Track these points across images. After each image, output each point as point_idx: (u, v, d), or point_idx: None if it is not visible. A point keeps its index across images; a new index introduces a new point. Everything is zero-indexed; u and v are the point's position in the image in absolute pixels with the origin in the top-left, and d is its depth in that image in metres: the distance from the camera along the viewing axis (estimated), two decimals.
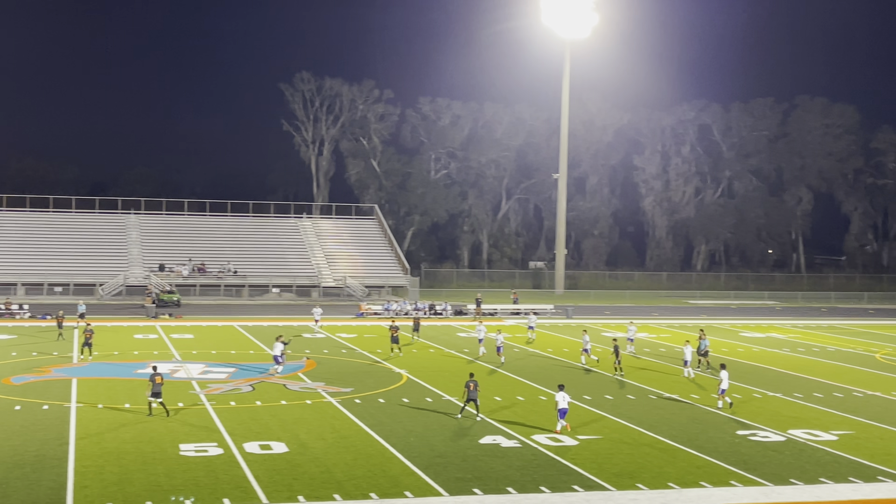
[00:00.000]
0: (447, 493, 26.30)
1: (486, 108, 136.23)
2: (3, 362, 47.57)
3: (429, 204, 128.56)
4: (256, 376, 44.58)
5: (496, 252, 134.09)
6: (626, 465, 29.55)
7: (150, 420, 34.04)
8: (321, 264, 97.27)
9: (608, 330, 68.49)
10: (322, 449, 30.57)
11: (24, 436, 31.40)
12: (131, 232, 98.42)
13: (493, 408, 37.79)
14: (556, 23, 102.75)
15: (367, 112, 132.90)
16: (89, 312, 65.34)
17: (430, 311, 79.07)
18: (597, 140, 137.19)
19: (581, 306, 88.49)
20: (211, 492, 25.64)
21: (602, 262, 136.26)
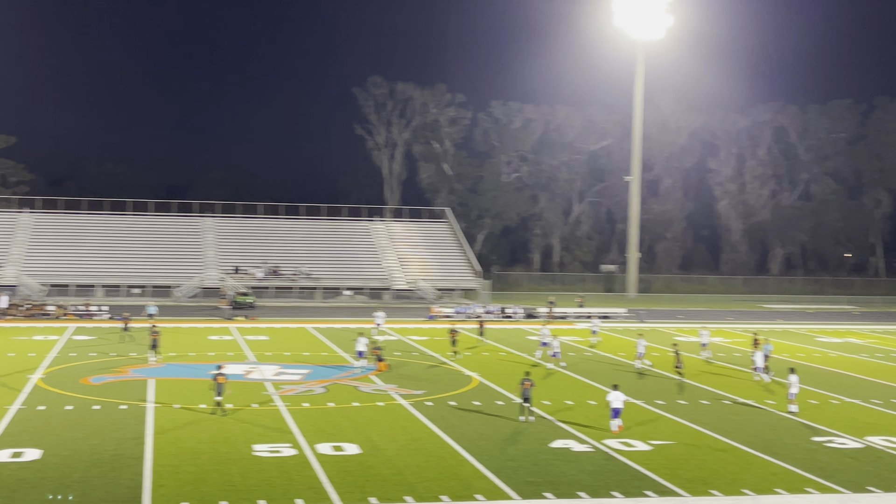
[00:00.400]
0: (518, 496, 26.24)
1: (557, 110, 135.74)
2: (83, 363, 48.52)
3: (500, 207, 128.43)
4: (330, 378, 44.91)
5: (568, 255, 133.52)
6: (700, 471, 29.22)
7: (226, 420, 34.47)
8: (393, 267, 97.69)
9: (681, 334, 67.82)
10: (394, 451, 30.69)
11: (103, 435, 31.96)
12: (207, 235, 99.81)
13: (565, 412, 37.63)
14: (629, 24, 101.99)
15: (439, 116, 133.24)
16: (165, 314, 66.34)
17: (501, 314, 79.01)
18: (670, 142, 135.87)
19: (654, 310, 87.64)
20: (284, 492, 25.88)
21: (675, 265, 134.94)
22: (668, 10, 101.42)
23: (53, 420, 34.07)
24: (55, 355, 50.72)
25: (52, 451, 29.52)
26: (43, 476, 26.82)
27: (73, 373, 44.79)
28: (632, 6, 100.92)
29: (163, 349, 51.02)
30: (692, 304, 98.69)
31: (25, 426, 32.96)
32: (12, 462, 28.22)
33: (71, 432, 32.18)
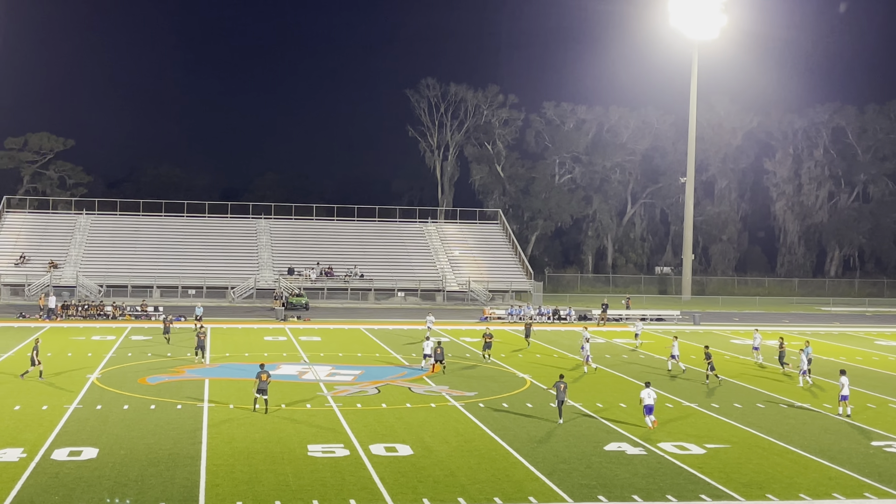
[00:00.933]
0: (571, 499, 26.12)
1: (611, 111, 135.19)
2: (139, 363, 49.11)
3: (553, 208, 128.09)
4: (382, 379, 45.05)
5: (621, 257, 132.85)
6: (756, 475, 28.90)
7: (280, 420, 34.68)
8: (445, 268, 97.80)
9: (737, 337, 67.16)
10: (446, 452, 30.69)
11: (159, 434, 32.31)
12: (262, 236, 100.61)
13: (618, 414, 37.43)
14: (684, 24, 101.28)
15: (492, 117, 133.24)
16: (220, 315, 66.91)
17: (554, 316, 78.75)
18: (725, 143, 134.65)
19: (708, 312, 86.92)
20: (337, 492, 25.98)
21: (730, 267, 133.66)
22: (722, 10, 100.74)
23: (110, 419, 34.50)
24: (112, 355, 51.38)
25: (109, 450, 29.89)
26: (100, 475, 27.15)
27: (130, 372, 45.35)
28: (686, 6, 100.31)
29: (218, 350, 51.56)
30: (747, 307, 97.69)
31: (83, 425, 33.41)
32: (70, 460, 28.61)
33: (127, 431, 32.56)
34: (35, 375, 42.90)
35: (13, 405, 36.58)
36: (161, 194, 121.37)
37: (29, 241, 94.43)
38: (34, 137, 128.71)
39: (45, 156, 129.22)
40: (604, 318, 76.97)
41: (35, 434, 31.79)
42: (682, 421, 36.60)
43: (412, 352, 55.62)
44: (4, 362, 48.06)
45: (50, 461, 28.44)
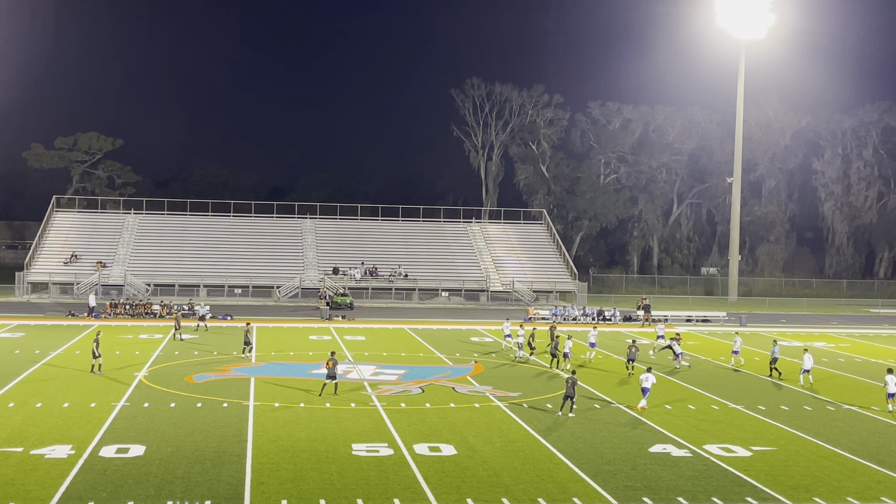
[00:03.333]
0: (616, 501, 26.02)
1: (657, 111, 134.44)
2: (186, 361, 49.54)
3: (598, 209, 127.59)
4: (426, 378, 45.12)
5: (667, 258, 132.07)
6: (803, 478, 28.63)
7: (325, 419, 34.84)
8: (489, 269, 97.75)
9: (784, 339, 66.53)
10: (490, 452, 30.69)
11: (205, 432, 32.58)
12: (307, 236, 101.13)
13: (664, 416, 37.23)
14: (731, 23, 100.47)
15: (537, 117, 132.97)
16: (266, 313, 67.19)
17: (599, 316, 78.46)
18: (773, 143, 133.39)
19: (755, 314, 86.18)
20: (382, 491, 26.06)
21: (778, 268, 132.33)
22: (770, 9, 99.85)
23: (157, 417, 34.84)
24: (159, 353, 51.88)
25: (156, 448, 30.18)
26: (147, 472, 27.42)
27: (177, 371, 45.77)
28: (734, 5, 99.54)
29: (263, 348, 51.98)
30: (795, 309, 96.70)
31: (130, 422, 33.77)
32: (117, 457, 28.93)
33: (174, 429, 32.87)
34: (97, 368, 43.90)
35: (62, 402, 37.06)
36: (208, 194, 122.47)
37: (78, 241, 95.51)
38: (84, 137, 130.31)
39: (95, 155, 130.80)
40: (648, 318, 76.54)
41: (83, 431, 32.18)
42: (727, 423, 36.34)
43: (456, 351, 55.71)
44: (54, 360, 48.68)
45: (98, 458, 28.77)
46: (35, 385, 40.89)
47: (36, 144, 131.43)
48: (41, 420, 33.77)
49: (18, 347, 52.93)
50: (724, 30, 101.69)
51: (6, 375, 42.87)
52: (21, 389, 39.73)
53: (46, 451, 29.43)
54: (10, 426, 32.69)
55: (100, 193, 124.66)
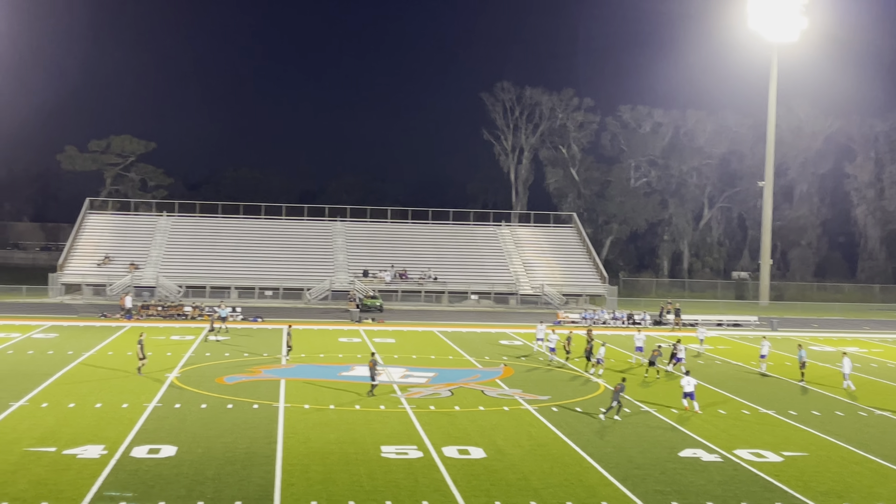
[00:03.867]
0: None
1: (688, 115, 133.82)
2: (217, 362, 49.79)
3: (628, 212, 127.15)
4: (455, 381, 45.11)
5: (697, 262, 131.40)
6: (834, 484, 28.42)
7: (354, 421, 34.92)
8: (519, 272, 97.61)
9: (816, 343, 66.05)
10: (519, 456, 30.66)
11: (236, 433, 32.72)
12: (337, 238, 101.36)
13: (693, 420, 37.05)
14: (763, 27, 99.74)
15: (567, 121, 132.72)
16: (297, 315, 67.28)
17: (629, 320, 78.18)
18: (805, 147, 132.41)
19: (786, 318, 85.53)
20: (410, 494, 26.09)
21: (810, 273, 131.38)
22: (802, 13, 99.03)
23: (188, 418, 35.04)
24: (191, 355, 52.13)
25: (187, 448, 30.36)
26: (178, 472, 27.59)
27: (208, 372, 46.00)
28: (766, 8, 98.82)
29: (293, 350, 52.10)
30: (827, 313, 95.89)
31: (162, 423, 33.98)
32: (149, 458, 29.12)
33: (205, 430, 33.04)
34: (144, 368, 44.39)
35: (95, 403, 37.34)
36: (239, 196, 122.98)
37: (110, 242, 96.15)
38: (117, 140, 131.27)
39: (128, 158, 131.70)
40: (678, 322, 76.15)
41: (115, 431, 32.41)
42: (758, 428, 36.13)
43: (486, 354, 55.67)
44: (86, 361, 49.06)
45: (129, 458, 28.98)
46: (68, 385, 41.23)
47: (70, 147, 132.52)
48: (74, 420, 34.05)
49: (52, 348, 53.38)
50: (756, 33, 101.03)
51: (40, 376, 43.26)
52: (54, 390, 40.07)
53: (79, 450, 29.67)
54: (43, 426, 32.98)
55: (132, 196, 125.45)
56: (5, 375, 43.19)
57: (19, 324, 65.08)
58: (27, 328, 62.63)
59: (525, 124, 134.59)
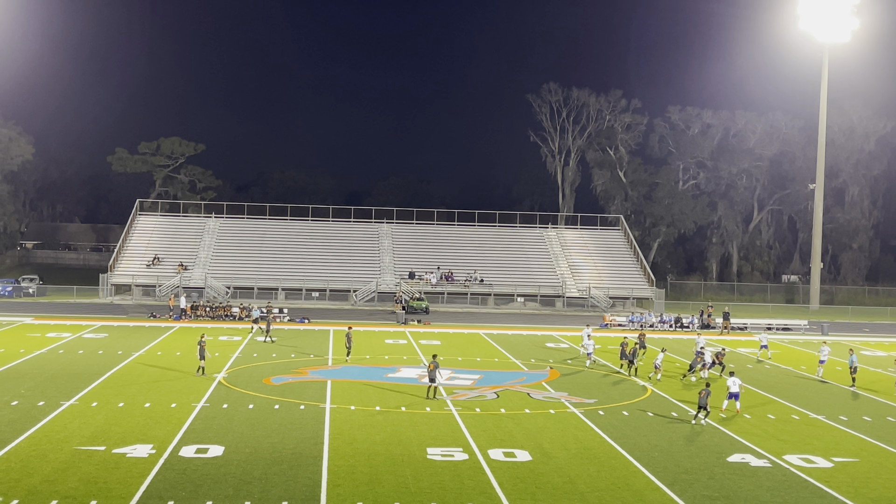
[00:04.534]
0: None
1: (738, 116, 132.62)
2: (264, 363, 50.10)
3: (676, 215, 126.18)
4: (501, 384, 45.06)
5: (746, 265, 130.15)
6: (886, 491, 28.02)
7: (400, 423, 34.99)
8: (565, 274, 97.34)
9: (867, 348, 65.17)
10: (565, 459, 30.54)
11: (283, 434, 32.90)
12: (383, 240, 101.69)
13: (743, 425, 36.72)
14: (814, 27, 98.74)
15: (614, 122, 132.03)
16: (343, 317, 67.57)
17: (677, 324, 77.66)
18: (858, 149, 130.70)
19: (837, 323, 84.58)
20: (456, 496, 26.07)
21: (861, 276, 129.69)
22: (854, 13, 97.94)
23: (236, 418, 35.27)
24: (238, 355, 52.51)
25: (234, 448, 30.56)
26: (225, 472, 27.78)
27: (256, 373, 46.30)
28: (816, 9, 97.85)
29: (340, 352, 52.35)
30: (878, 318, 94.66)
31: (209, 423, 34.24)
32: (197, 457, 29.35)
33: (252, 430, 33.25)
34: (201, 371, 44.76)
35: (144, 402, 37.73)
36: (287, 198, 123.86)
37: (160, 243, 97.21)
38: (167, 142, 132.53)
39: (177, 160, 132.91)
40: (727, 326, 75.47)
41: (164, 431, 32.71)
42: (808, 433, 35.73)
43: (531, 357, 55.53)
44: (136, 360, 49.57)
45: (178, 457, 29.22)
46: (117, 385, 41.68)
47: (120, 149, 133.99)
48: (123, 420, 34.41)
49: (102, 348, 54.02)
50: (807, 33, 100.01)
51: (90, 375, 43.80)
52: (104, 389, 40.54)
53: (128, 450, 29.97)
54: (93, 425, 33.37)
55: (182, 197, 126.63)
56: (56, 375, 43.78)
57: (70, 324, 65.97)
58: (78, 328, 63.45)
59: (572, 126, 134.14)
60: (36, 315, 71.53)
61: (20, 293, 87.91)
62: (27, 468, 27.67)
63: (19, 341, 55.82)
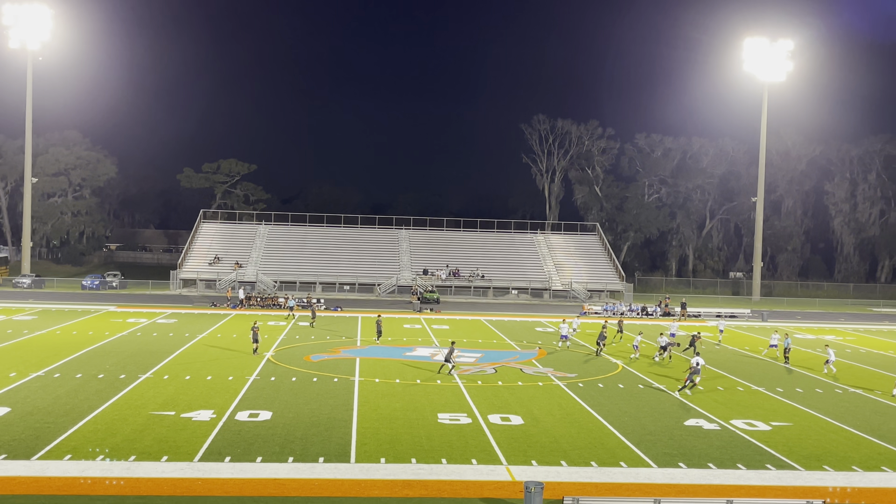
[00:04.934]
0: (656, 465, 25.73)
1: (693, 141, 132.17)
2: (305, 344, 50.16)
3: (642, 222, 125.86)
4: (499, 361, 45.02)
5: (700, 264, 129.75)
6: (814, 449, 27.97)
7: (415, 393, 34.98)
8: (551, 271, 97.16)
9: (799, 332, 64.98)
10: (551, 423, 30.52)
11: (320, 402, 32.94)
12: (402, 243, 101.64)
13: (697, 395, 36.64)
14: (756, 69, 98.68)
15: (592, 147, 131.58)
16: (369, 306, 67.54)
17: (643, 312, 77.48)
18: (792, 168, 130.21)
19: (775, 311, 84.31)
20: (462, 453, 26.09)
21: (794, 273, 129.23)
22: (788, 58, 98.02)
23: (281, 388, 35.32)
24: (283, 337, 52.57)
25: (280, 413, 30.61)
26: (273, 433, 27.83)
27: (298, 352, 46.36)
28: (758, 54, 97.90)
29: (366, 334, 52.30)
30: (808, 307, 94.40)
31: (260, 393, 34.30)
32: (249, 421, 29.42)
33: (295, 399, 33.29)
34: (256, 349, 44.67)
35: (206, 376, 37.81)
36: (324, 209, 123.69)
37: (219, 246, 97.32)
38: (225, 163, 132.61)
39: (234, 178, 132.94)
40: (684, 314, 75.38)
41: (222, 399, 32.78)
42: (751, 402, 35.65)
43: (524, 339, 55.46)
44: (200, 341, 49.66)
45: (234, 421, 29.28)
46: (184, 362, 41.78)
47: (187, 168, 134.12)
48: (189, 390, 34.49)
49: (172, 331, 54.13)
50: (751, 74, 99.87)
51: (162, 354, 43.91)
52: (173, 365, 40.63)
53: (193, 414, 30.04)
54: (164, 395, 33.47)
55: (237, 208, 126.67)
56: (135, 353, 43.90)
57: (146, 311, 66.12)
58: (152, 315, 63.60)
59: (557, 150, 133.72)
60: (118, 304, 71.70)
61: (105, 286, 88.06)
62: (111, 429, 27.76)
63: (105, 325, 55.97)
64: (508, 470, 24.73)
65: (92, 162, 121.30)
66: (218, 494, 22.00)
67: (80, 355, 42.54)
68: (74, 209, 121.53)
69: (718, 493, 23.25)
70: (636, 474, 24.78)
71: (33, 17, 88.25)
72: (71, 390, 33.62)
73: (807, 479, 24.79)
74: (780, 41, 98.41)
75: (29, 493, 21.71)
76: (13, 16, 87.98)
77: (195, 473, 23.53)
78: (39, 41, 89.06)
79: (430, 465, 24.85)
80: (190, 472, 23.66)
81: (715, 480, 24.49)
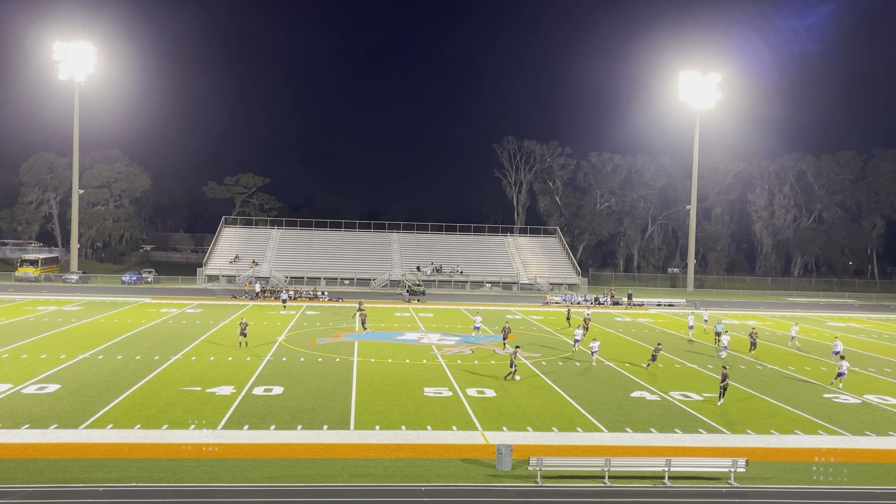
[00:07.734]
0: (606, 430, 25.83)
1: (637, 159, 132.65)
2: (311, 329, 50.00)
3: (595, 227, 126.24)
4: (475, 344, 45.01)
5: (643, 261, 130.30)
6: (739, 416, 28.17)
7: (405, 370, 34.93)
8: (519, 268, 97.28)
9: (726, 318, 65.36)
10: (519, 395, 30.58)
11: (324, 378, 32.87)
12: (393, 244, 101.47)
13: (641, 372, 36.81)
14: (690, 98, 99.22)
15: (553, 163, 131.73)
16: (366, 297, 67.17)
17: (595, 301, 77.70)
18: (720, 181, 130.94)
19: (706, 301, 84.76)
20: (444, 421, 26.10)
21: (722, 269, 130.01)
22: (717, 89, 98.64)
23: (292, 367, 35.21)
24: (293, 324, 52.41)
25: (291, 388, 30.52)
26: (284, 405, 27.76)
27: (305, 336, 46.21)
28: (691, 86, 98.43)
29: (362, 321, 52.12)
30: (734, 297, 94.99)
31: (274, 371, 34.19)
32: (265, 395, 29.32)
33: (303, 376, 33.20)
34: (241, 343, 44.22)
35: (227, 357, 37.63)
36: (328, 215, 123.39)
37: (239, 247, 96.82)
38: (243, 177, 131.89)
39: (251, 189, 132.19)
40: (630, 303, 75.64)
41: (241, 376, 32.65)
42: (686, 377, 35.84)
43: (496, 325, 55.52)
44: (222, 328, 49.40)
45: (251, 395, 29.18)
46: (209, 345, 41.56)
47: (211, 181, 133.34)
48: (213, 369, 34.33)
49: (198, 319, 53.81)
50: (685, 102, 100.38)
51: (190, 338, 43.66)
52: (200, 348, 40.42)
53: (217, 389, 29.91)
54: (192, 373, 33.29)
55: (254, 215, 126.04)
56: (167, 337, 43.63)
57: (177, 302, 65.69)
58: (182, 305, 63.20)
59: (524, 166, 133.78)
60: (153, 296, 71.21)
61: (141, 282, 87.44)
62: (146, 402, 27.58)
63: (141, 315, 55.58)
64: (483, 435, 24.75)
65: (130, 176, 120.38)
66: (238, 457, 21.91)
67: (120, 340, 42.23)
68: (115, 216, 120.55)
69: (659, 453, 23.38)
70: (590, 438, 24.87)
71: (79, 53, 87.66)
72: (112, 369, 33.37)
73: (733, 441, 24.96)
74: (710, 74, 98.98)
75: (77, 456, 21.56)
76: (62, 52, 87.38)
77: (218, 440, 23.43)
78: (85, 73, 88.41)
79: (417, 431, 24.85)
80: (214, 438, 23.55)
81: (656, 443, 24.61)
